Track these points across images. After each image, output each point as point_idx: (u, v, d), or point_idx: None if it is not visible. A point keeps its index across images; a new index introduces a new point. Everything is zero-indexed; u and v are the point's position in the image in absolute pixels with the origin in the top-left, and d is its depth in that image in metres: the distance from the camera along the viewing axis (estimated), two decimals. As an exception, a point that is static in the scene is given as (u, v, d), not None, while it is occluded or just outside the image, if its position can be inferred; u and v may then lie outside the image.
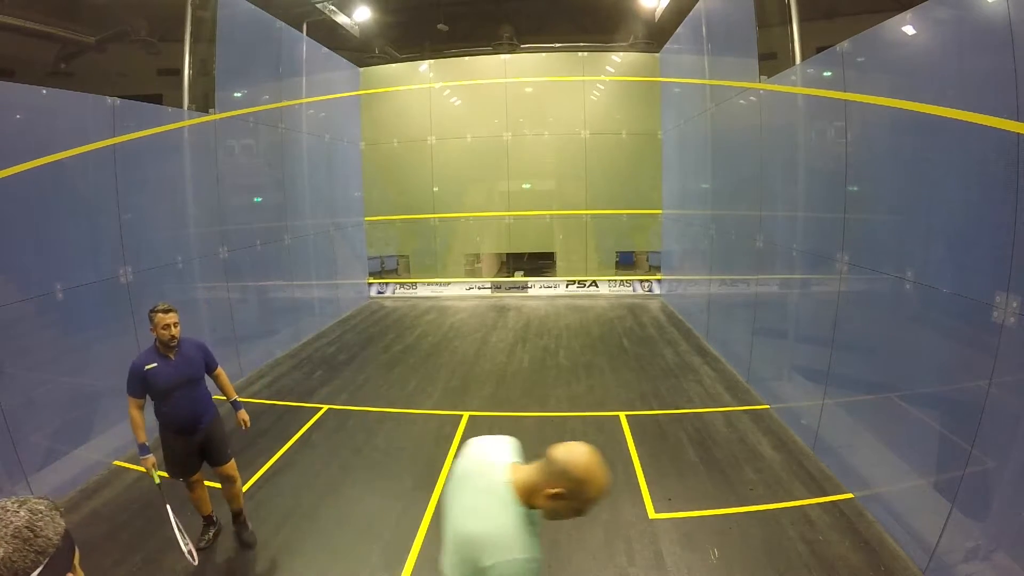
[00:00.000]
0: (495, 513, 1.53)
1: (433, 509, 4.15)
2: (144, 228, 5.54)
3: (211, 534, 3.74)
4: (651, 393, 6.36)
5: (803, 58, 5.52)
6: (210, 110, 6.70)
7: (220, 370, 3.73)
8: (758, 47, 6.12)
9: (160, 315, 3.39)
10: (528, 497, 1.54)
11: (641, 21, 10.96)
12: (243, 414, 3.76)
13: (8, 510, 0.90)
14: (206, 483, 3.73)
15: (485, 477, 1.60)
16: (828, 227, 4.64)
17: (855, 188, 4.29)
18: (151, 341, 3.49)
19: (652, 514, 4.04)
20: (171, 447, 3.55)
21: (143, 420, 3.43)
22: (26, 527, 0.89)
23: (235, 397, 3.79)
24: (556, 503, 1.52)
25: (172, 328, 3.40)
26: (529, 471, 1.58)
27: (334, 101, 10.70)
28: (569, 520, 1.58)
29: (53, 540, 0.91)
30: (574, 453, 1.55)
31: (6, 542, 0.87)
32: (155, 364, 3.42)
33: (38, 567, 0.88)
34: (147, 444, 3.39)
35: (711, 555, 3.58)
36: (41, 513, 0.92)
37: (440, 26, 11.38)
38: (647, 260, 12.45)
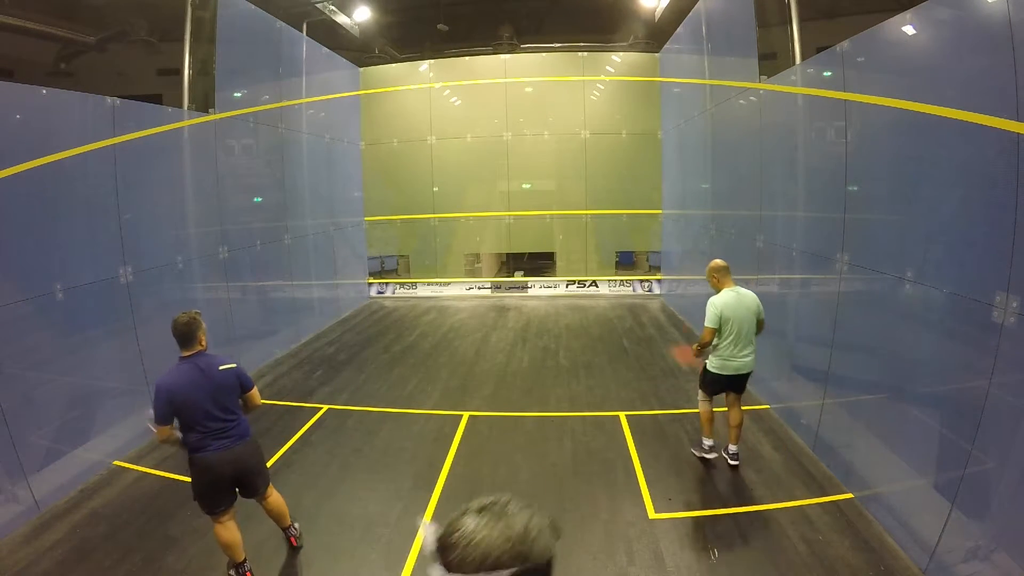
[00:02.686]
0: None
1: (433, 509, 4.16)
2: (144, 228, 5.54)
3: None
4: (651, 393, 6.36)
5: (803, 58, 5.52)
6: (210, 110, 6.70)
7: None
8: (758, 47, 6.11)
9: None
10: None
11: (641, 21, 10.97)
12: None
13: (516, 515, 0.93)
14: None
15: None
16: (828, 227, 4.64)
17: (855, 188, 4.29)
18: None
19: (652, 514, 4.04)
20: None
21: None
22: (526, 533, 0.91)
23: None
24: None
25: None
26: None
27: (334, 101, 10.70)
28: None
29: (538, 558, 0.92)
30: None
31: (506, 538, 0.89)
32: None
33: (510, 569, 0.88)
34: None
35: (711, 555, 3.58)
36: (543, 530, 0.93)
37: (440, 26, 11.38)
38: (647, 260, 12.45)
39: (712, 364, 4.54)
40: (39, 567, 3.57)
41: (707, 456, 4.71)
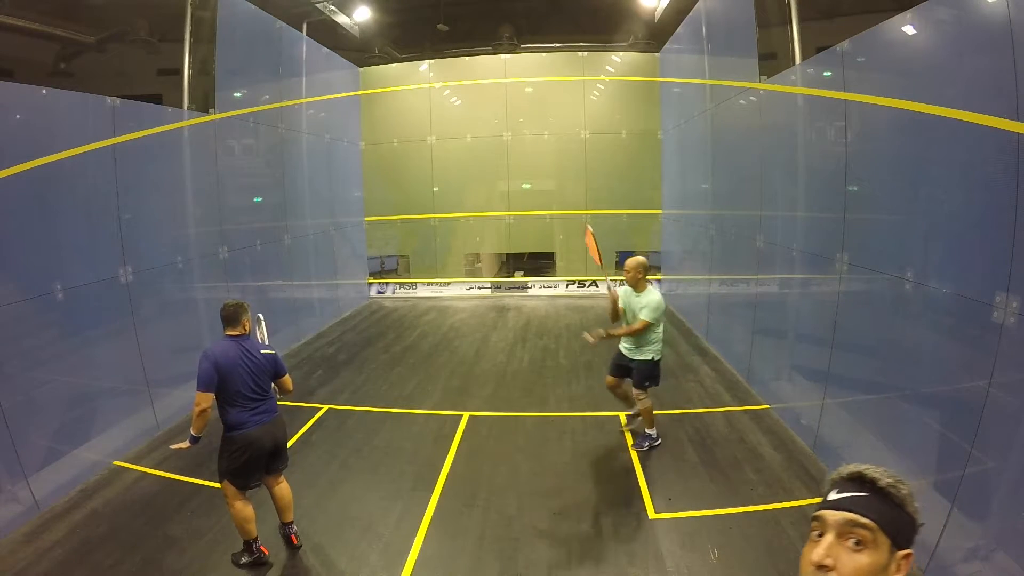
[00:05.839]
0: None
1: (433, 509, 4.16)
2: (144, 228, 5.54)
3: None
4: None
5: (803, 58, 5.52)
6: (210, 110, 6.70)
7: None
8: (758, 47, 6.11)
9: None
10: None
11: (641, 21, 10.96)
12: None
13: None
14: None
15: None
16: (828, 227, 4.64)
17: (855, 188, 4.29)
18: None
19: (652, 514, 4.04)
20: None
21: None
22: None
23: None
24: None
25: None
26: None
27: (334, 101, 10.70)
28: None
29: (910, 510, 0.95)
30: None
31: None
32: None
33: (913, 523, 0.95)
34: None
35: (711, 555, 3.58)
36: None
37: (440, 26, 11.38)
38: (647, 260, 12.44)
39: (660, 353, 4.88)
40: (39, 567, 3.56)
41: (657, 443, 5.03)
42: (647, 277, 4.94)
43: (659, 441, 5.03)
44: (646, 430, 5.04)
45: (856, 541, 0.90)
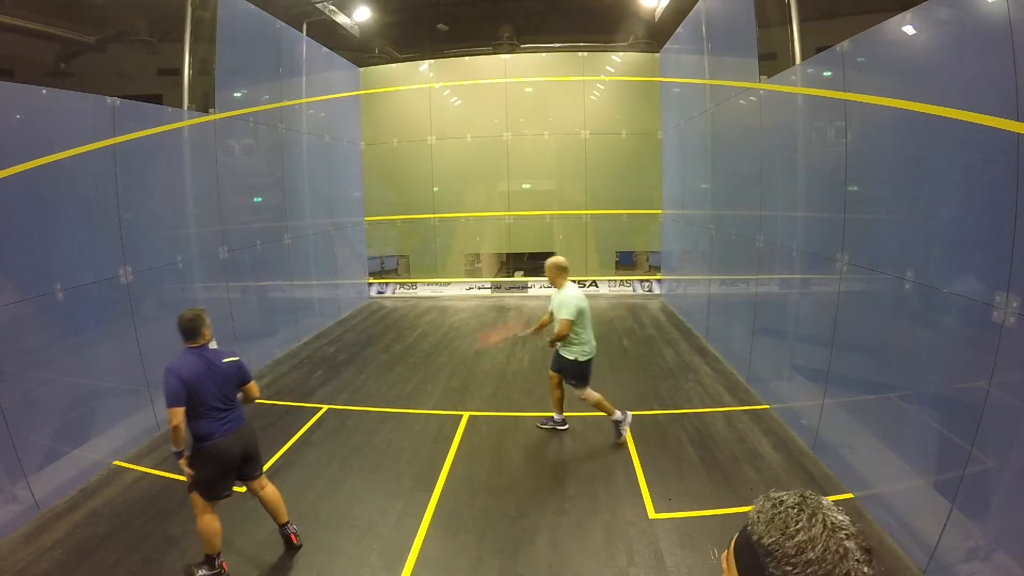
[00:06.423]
0: None
1: (433, 509, 4.16)
2: (144, 228, 5.54)
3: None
4: (651, 393, 6.36)
5: (803, 58, 5.52)
6: (210, 110, 6.70)
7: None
8: (758, 47, 6.12)
9: None
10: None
11: (641, 21, 10.96)
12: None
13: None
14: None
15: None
16: (828, 227, 4.64)
17: (855, 188, 4.29)
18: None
19: (652, 514, 4.04)
20: None
21: None
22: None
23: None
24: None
25: None
26: None
27: (334, 101, 10.70)
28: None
29: (832, 570, 0.78)
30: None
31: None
32: None
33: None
34: None
35: (711, 555, 3.58)
36: (841, 552, 0.79)
37: (440, 26, 11.38)
38: (647, 260, 12.45)
39: (584, 354, 4.95)
40: (39, 567, 3.57)
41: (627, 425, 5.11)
42: (568, 277, 5.04)
43: (627, 418, 5.11)
44: (611, 418, 5.12)
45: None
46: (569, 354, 4.95)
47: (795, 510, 0.83)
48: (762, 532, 0.84)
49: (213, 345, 3.54)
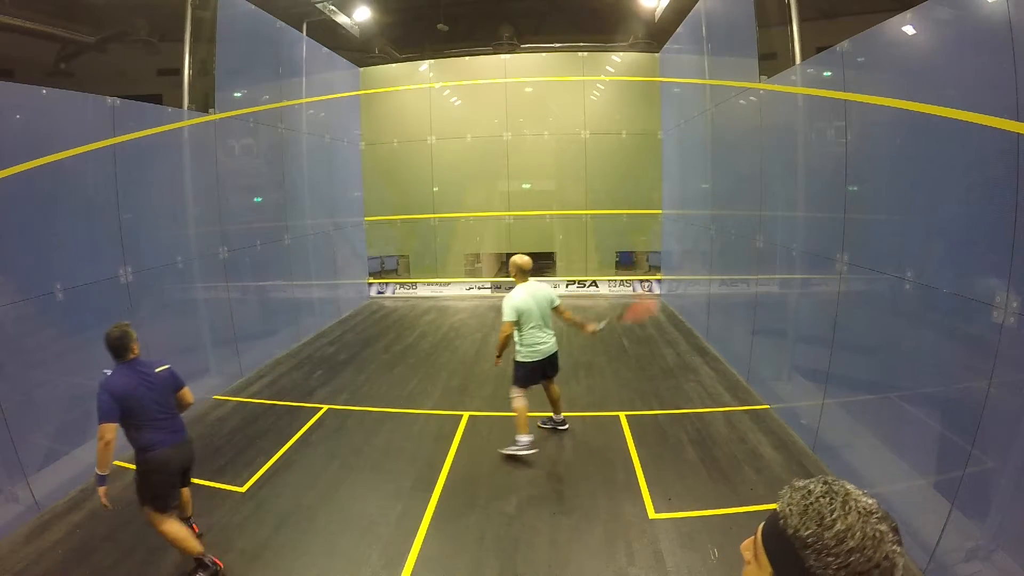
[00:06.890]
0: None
1: (433, 509, 4.16)
2: (144, 228, 5.54)
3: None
4: (651, 393, 6.36)
5: (803, 58, 5.52)
6: (210, 110, 6.70)
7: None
8: (758, 47, 6.11)
9: None
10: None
11: (641, 21, 10.96)
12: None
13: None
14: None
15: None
16: (828, 227, 4.64)
17: (855, 188, 4.29)
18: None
19: (652, 514, 4.04)
20: None
21: None
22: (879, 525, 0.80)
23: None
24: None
25: None
26: None
27: (334, 101, 10.70)
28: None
29: (872, 555, 0.78)
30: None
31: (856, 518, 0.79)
32: None
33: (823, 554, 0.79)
34: None
35: (711, 555, 3.58)
36: (878, 537, 0.79)
37: (440, 26, 11.38)
38: (647, 260, 12.45)
39: (523, 355, 4.95)
40: (39, 567, 3.57)
41: (526, 452, 4.81)
42: (528, 276, 5.02)
43: (529, 451, 4.78)
44: (515, 435, 4.86)
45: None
46: (516, 353, 4.97)
47: (826, 499, 0.82)
48: (797, 525, 0.82)
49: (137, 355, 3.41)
